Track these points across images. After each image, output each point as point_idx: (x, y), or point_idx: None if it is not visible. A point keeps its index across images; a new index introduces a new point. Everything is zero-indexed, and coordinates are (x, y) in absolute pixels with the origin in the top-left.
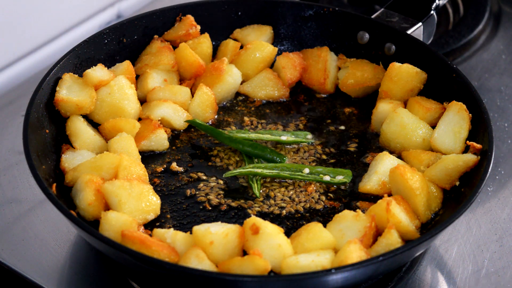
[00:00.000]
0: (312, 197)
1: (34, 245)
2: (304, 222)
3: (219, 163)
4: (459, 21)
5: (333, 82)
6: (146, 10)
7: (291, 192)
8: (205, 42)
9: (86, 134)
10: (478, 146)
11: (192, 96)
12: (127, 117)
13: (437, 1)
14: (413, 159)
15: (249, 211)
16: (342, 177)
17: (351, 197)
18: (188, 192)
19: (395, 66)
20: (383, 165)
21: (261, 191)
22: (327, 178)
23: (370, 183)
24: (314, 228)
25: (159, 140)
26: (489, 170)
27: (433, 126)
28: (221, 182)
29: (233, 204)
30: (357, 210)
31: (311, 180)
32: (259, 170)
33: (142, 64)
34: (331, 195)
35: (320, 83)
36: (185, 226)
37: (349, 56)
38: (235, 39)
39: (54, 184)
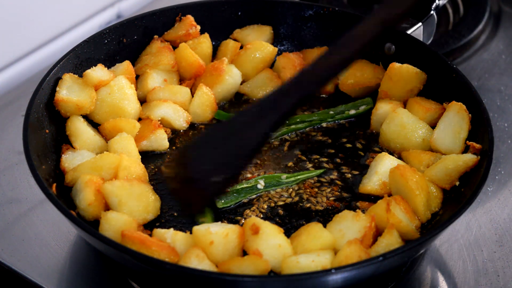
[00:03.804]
0: (313, 197)
1: (34, 245)
2: (304, 222)
3: None
4: (459, 21)
5: (333, 82)
6: (146, 10)
7: (291, 192)
8: (205, 42)
9: (86, 134)
10: (478, 146)
11: (192, 96)
12: (127, 117)
13: (437, 1)
14: (413, 159)
15: (249, 211)
16: (364, 106)
17: (351, 197)
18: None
19: (395, 66)
20: (383, 166)
21: (261, 192)
22: (352, 111)
23: (370, 183)
24: (314, 228)
25: (159, 140)
26: (489, 170)
27: (433, 126)
28: None
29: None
30: (357, 210)
31: (340, 119)
32: (293, 126)
33: (142, 64)
34: (331, 195)
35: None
36: (185, 226)
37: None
38: (235, 39)
39: (54, 184)
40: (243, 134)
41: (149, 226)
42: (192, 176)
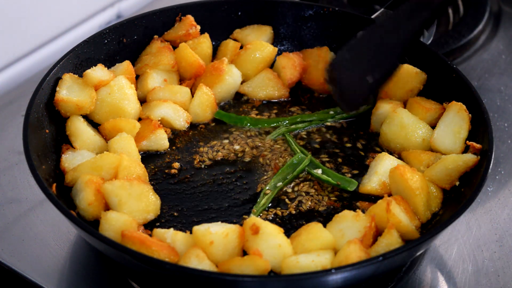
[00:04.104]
0: (312, 196)
1: (34, 245)
2: (304, 222)
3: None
4: (459, 21)
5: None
6: (146, 10)
7: (291, 192)
8: (205, 42)
9: (86, 134)
10: (478, 146)
11: (192, 96)
12: (127, 117)
13: None
14: (413, 159)
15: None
16: (364, 106)
17: (351, 197)
18: (189, 192)
19: None
20: (383, 166)
21: (263, 191)
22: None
23: (371, 183)
24: (314, 228)
25: (159, 140)
26: (489, 170)
27: (433, 126)
28: None
29: (233, 203)
30: (357, 210)
31: (340, 119)
32: (293, 126)
33: (142, 64)
34: (331, 195)
35: (320, 83)
36: (185, 226)
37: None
38: (235, 39)
39: (54, 184)
40: (396, 33)
41: (149, 226)
42: (349, 78)
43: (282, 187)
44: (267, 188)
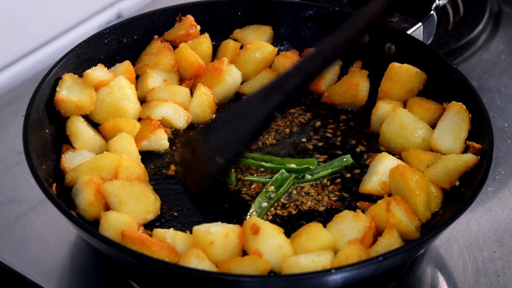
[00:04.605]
0: (312, 196)
1: (34, 245)
2: (304, 222)
3: None
4: (459, 21)
5: (329, 85)
6: (146, 10)
7: (291, 193)
8: (205, 42)
9: (86, 134)
10: (478, 146)
11: (192, 96)
12: (127, 117)
13: (437, 1)
14: (413, 159)
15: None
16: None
17: (351, 197)
18: (189, 192)
19: (395, 66)
20: (383, 166)
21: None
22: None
23: (371, 183)
24: (314, 228)
25: (159, 140)
26: (489, 170)
27: (433, 127)
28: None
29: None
30: (357, 210)
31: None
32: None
33: (142, 64)
34: (331, 195)
35: (313, 83)
36: (185, 226)
37: (349, 56)
38: (235, 39)
39: (54, 184)
40: (248, 116)
41: (149, 226)
42: (198, 158)
43: (268, 208)
44: (252, 210)
